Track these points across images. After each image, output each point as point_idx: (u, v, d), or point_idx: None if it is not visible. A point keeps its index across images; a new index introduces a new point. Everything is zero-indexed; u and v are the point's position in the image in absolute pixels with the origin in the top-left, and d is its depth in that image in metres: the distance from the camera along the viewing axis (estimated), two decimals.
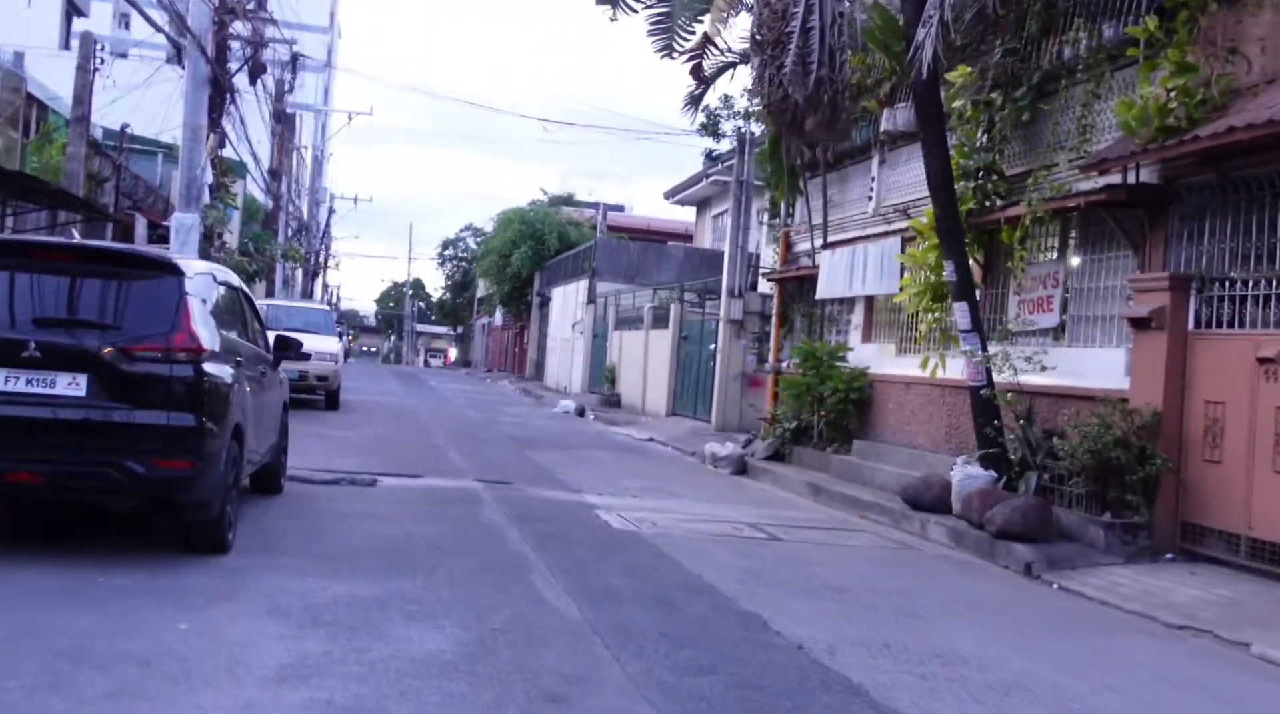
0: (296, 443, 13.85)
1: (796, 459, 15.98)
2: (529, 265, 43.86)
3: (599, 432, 22.18)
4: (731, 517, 11.39)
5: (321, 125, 62.37)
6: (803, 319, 17.95)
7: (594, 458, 16.64)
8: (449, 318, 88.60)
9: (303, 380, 20.32)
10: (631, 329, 28.97)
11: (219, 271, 8.23)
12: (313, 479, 11.05)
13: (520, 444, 17.75)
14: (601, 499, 11.74)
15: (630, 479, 14.05)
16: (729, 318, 21.25)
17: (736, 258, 21.26)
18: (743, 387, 21.32)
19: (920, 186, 14.14)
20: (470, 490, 11.43)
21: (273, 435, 9.48)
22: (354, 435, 16.57)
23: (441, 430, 18.94)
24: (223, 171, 19.70)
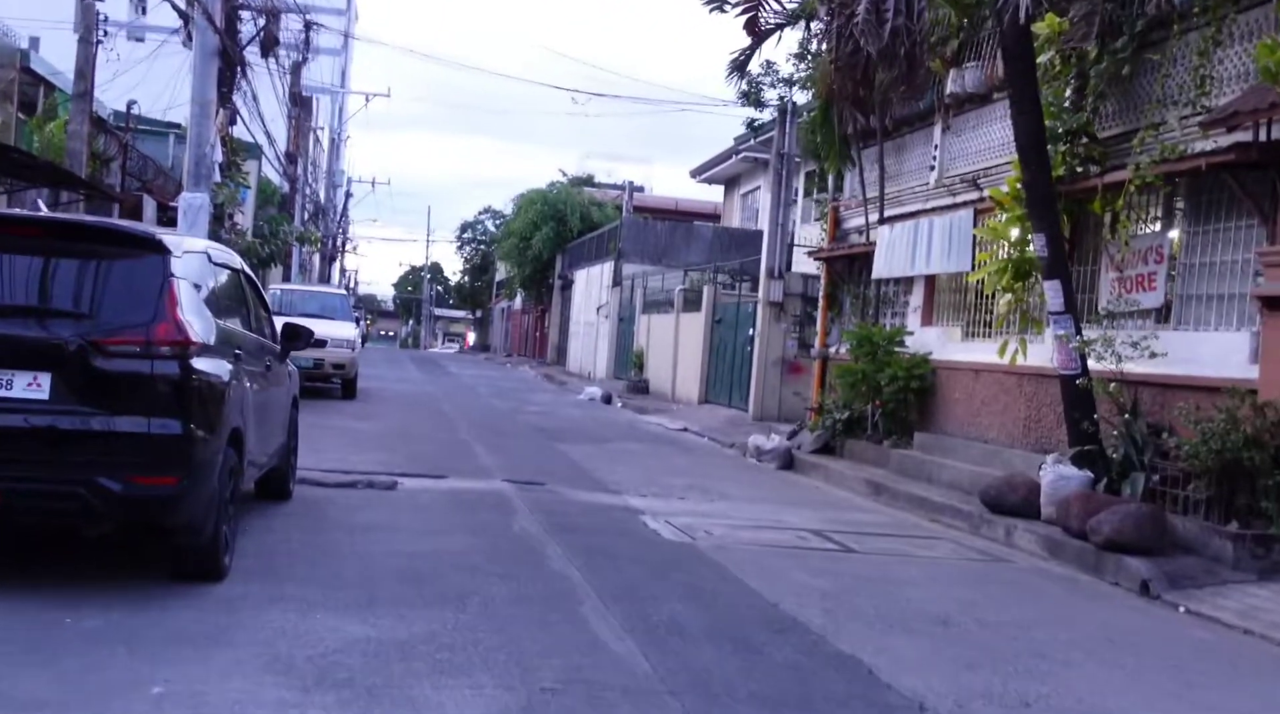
0: (310, 437, 12.79)
1: (849, 453, 14.79)
2: (550, 247, 42.66)
3: (629, 421, 21.03)
4: (791, 521, 10.23)
5: (339, 108, 61.25)
6: (853, 301, 16.73)
7: (629, 451, 15.49)
8: (467, 302, 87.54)
9: (318, 369, 19.26)
10: (660, 312, 27.78)
11: (216, 250, 7.08)
12: (326, 481, 9.93)
13: (549, 436, 16.61)
14: (645, 502, 10.59)
15: (672, 476, 12.90)
16: (768, 300, 20.04)
17: (776, 236, 20.03)
18: (783, 373, 20.12)
19: (992, 154, 12.92)
20: (500, 493, 10.28)
21: (280, 436, 8.36)
22: (372, 427, 15.46)
23: (465, 421, 17.81)
24: (234, 149, 18.60)
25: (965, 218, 12.67)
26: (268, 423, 7.68)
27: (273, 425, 7.95)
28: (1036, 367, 11.46)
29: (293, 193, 37.60)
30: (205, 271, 6.47)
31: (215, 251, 6.94)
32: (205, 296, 6.28)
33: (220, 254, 7.07)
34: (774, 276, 20.01)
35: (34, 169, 13.73)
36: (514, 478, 11.25)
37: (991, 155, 13.02)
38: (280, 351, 8.44)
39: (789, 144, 19.94)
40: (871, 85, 10.71)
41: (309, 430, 13.93)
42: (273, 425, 7.95)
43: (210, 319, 6.22)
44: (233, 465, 6.30)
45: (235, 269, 7.39)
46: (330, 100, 59.07)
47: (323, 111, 56.51)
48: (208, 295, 6.39)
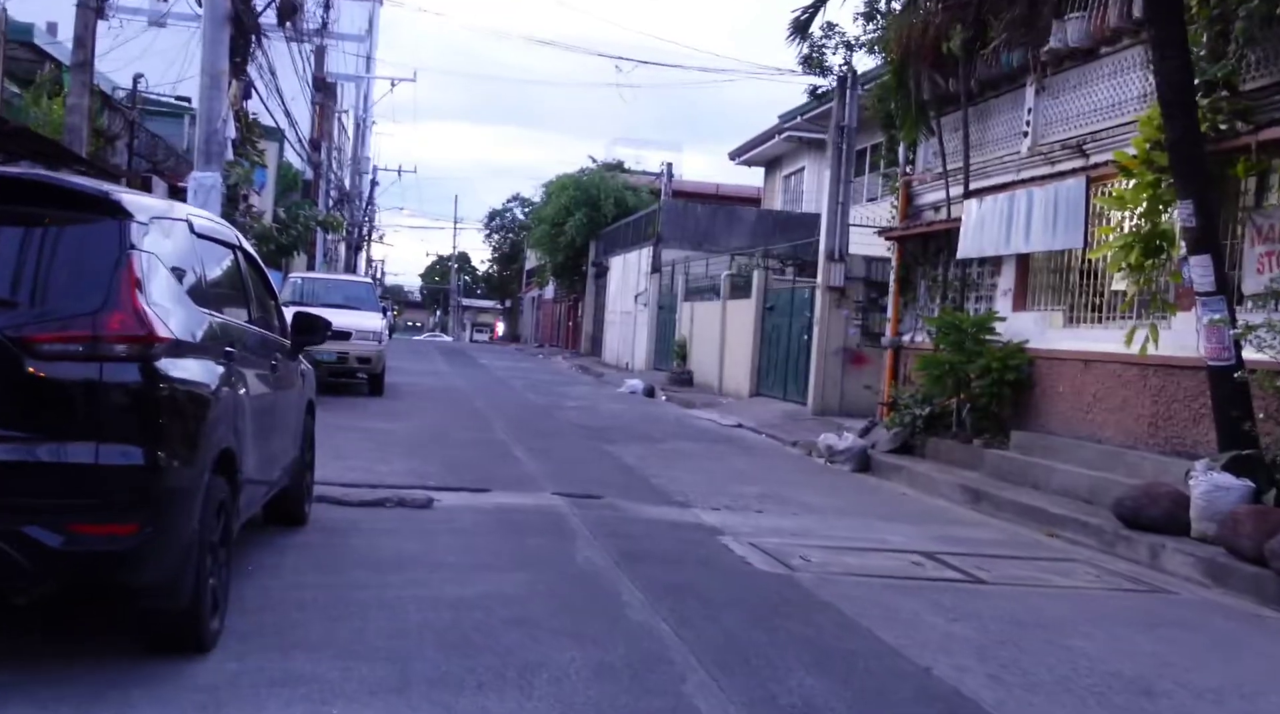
0: (332, 441, 11.44)
1: (932, 453, 13.23)
2: (583, 234, 41.16)
3: (678, 416, 19.52)
4: (893, 540, 8.70)
5: (364, 95, 60.00)
6: (929, 284, 15.14)
7: (684, 453, 13.98)
8: (496, 291, 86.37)
9: (342, 363, 17.89)
10: (704, 300, 26.24)
11: (203, 220, 5.59)
12: (349, 499, 8.47)
13: (594, 435, 15.12)
14: (720, 517, 9.09)
15: (740, 483, 11.40)
16: (828, 285, 18.46)
17: (836, 216, 18.43)
18: (844, 364, 18.56)
19: (1100, 116, 11.33)
20: (553, 511, 8.79)
21: (291, 449, 6.90)
22: (401, 428, 14.02)
23: (501, 419, 16.35)
24: (248, 125, 17.19)
25: (1075, 188, 11.06)
26: (274, 436, 6.23)
27: (281, 438, 6.49)
28: (1165, 356, 9.87)
29: (316, 179, 36.30)
30: (185, 246, 5.01)
31: (201, 221, 5.44)
32: (182, 277, 4.82)
33: (208, 225, 5.58)
34: (834, 259, 18.43)
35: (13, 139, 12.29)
36: (566, 490, 9.75)
37: (1099, 117, 11.42)
38: (291, 348, 6.98)
39: (849, 116, 18.33)
40: (982, 28, 9.10)
41: (331, 433, 12.54)
42: (281, 438, 6.49)
43: (190, 308, 4.76)
44: (222, 499, 4.83)
45: (230, 245, 5.92)
46: (355, 86, 57.86)
47: (347, 99, 55.31)
48: (189, 277, 4.93)
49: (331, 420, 14.45)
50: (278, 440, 6.38)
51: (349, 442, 12.12)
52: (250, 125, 17.22)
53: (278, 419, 6.37)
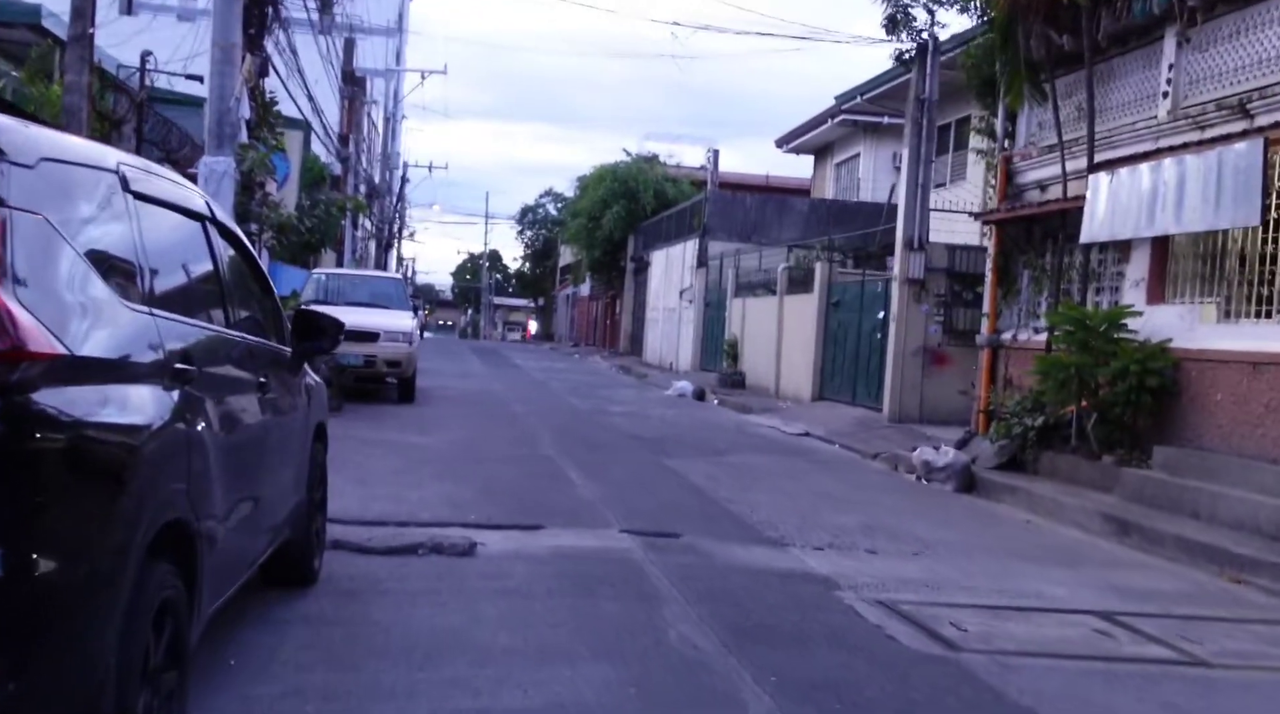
0: (356, 459, 9.89)
1: (1048, 470, 11.40)
2: (622, 227, 39.40)
3: (736, 423, 17.73)
4: (1053, 593, 6.90)
5: (394, 90, 58.57)
6: (1034, 274, 13.29)
7: (756, 469, 12.21)
8: (529, 289, 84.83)
9: (369, 367, 16.24)
10: (757, 295, 24.42)
11: (138, 171, 3.73)
12: (372, 545, 6.75)
13: (650, 447, 13.38)
14: (829, 562, 7.32)
15: (833, 509, 9.63)
16: (907, 277, 16.62)
17: (915, 200, 16.58)
18: (924, 365, 16.71)
19: (1267, 68, 9.42)
20: (624, 556, 7.03)
21: (291, 493, 5.20)
22: (435, 442, 12.33)
23: (545, 428, 14.63)
24: (265, 106, 15.56)
25: (1247, 153, 9.16)
26: (264, 480, 4.54)
27: (276, 481, 4.79)
28: None
29: (345, 173, 34.77)
30: (111, 210, 3.29)
31: (136, 172, 3.64)
32: (108, 261, 3.11)
33: (152, 182, 3.79)
34: (913, 248, 16.57)
35: None
36: (634, 524, 7.99)
37: (1267, 70, 9.54)
38: (292, 358, 5.27)
39: (930, 87, 16.47)
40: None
41: (355, 449, 10.89)
42: (276, 481, 4.79)
43: (116, 307, 3.06)
44: (166, 598, 3.11)
45: (195, 215, 4.19)
46: (385, 81, 56.39)
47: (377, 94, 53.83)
48: (116, 258, 3.21)
49: (356, 433, 12.80)
50: (270, 485, 4.67)
51: (375, 460, 10.44)
52: (267, 105, 15.61)
53: (270, 457, 4.66)
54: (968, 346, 16.52)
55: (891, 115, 27.98)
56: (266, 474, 4.60)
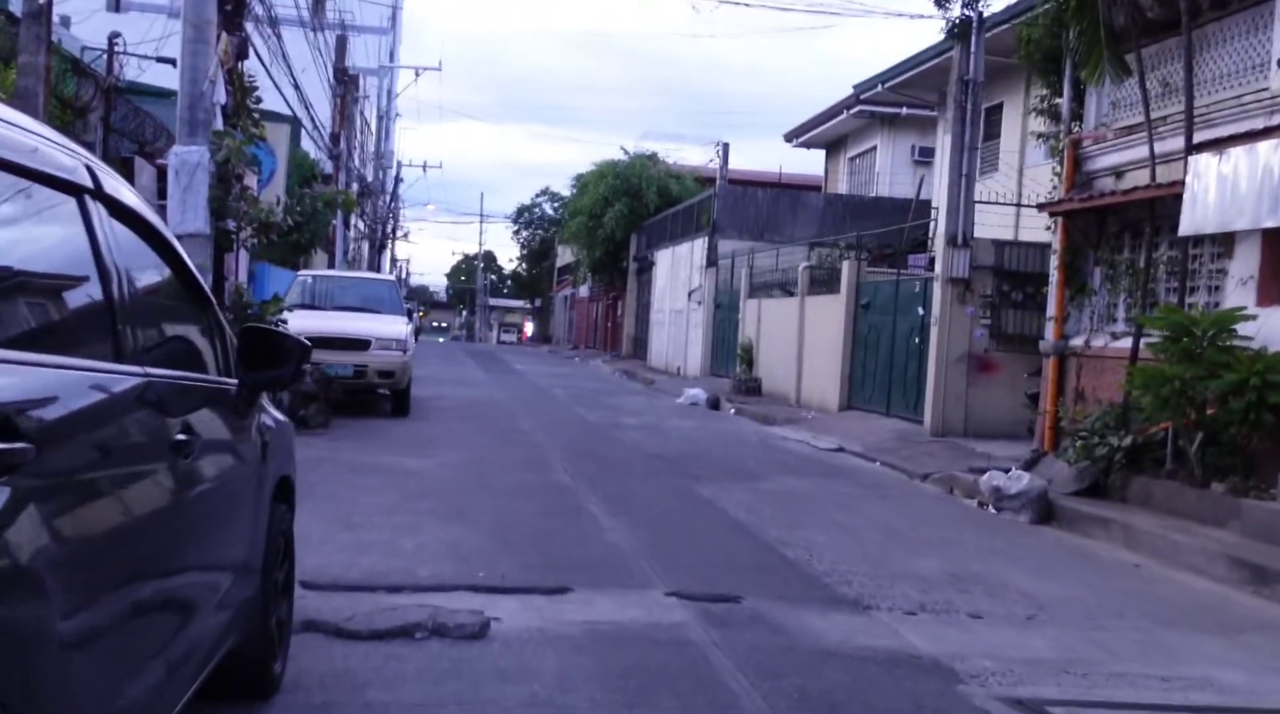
0: (341, 492, 8.61)
1: (1140, 497, 9.91)
2: (624, 226, 37.85)
3: (761, 437, 16.22)
4: (1227, 681, 5.39)
5: (387, 89, 57.04)
6: (1107, 271, 11.80)
7: (799, 496, 10.71)
8: (525, 290, 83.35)
9: (359, 378, 14.74)
10: (774, 296, 22.91)
11: None
12: (354, 626, 5.20)
13: (675, 470, 11.88)
14: (928, 633, 5.82)
15: (906, 551, 8.14)
16: (950, 276, 15.11)
17: (959, 191, 15.08)
18: (969, 372, 15.21)
19: None
20: (678, 636, 5.48)
21: (237, 583, 3.65)
22: (434, 467, 10.82)
23: (557, 448, 13.12)
24: (243, 89, 14.01)
25: None
26: (180, 584, 3.01)
27: (202, 580, 3.25)
28: None
29: (337, 170, 33.22)
30: None
31: None
32: None
33: None
34: (957, 245, 15.07)
35: None
36: (682, 585, 6.45)
37: None
38: (238, 393, 3.74)
39: (975, 68, 14.97)
40: None
41: (340, 478, 9.42)
42: (202, 580, 3.25)
43: None
44: None
45: (63, 184, 2.65)
46: (378, 80, 54.84)
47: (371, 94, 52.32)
48: None
49: (344, 456, 11.28)
50: (194, 586, 3.15)
51: (365, 493, 8.93)
52: (246, 90, 14.05)
53: (194, 546, 3.13)
54: (1017, 352, 15.08)
55: (911, 105, 26.58)
56: (186, 572, 3.08)
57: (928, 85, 23.27)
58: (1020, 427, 14.68)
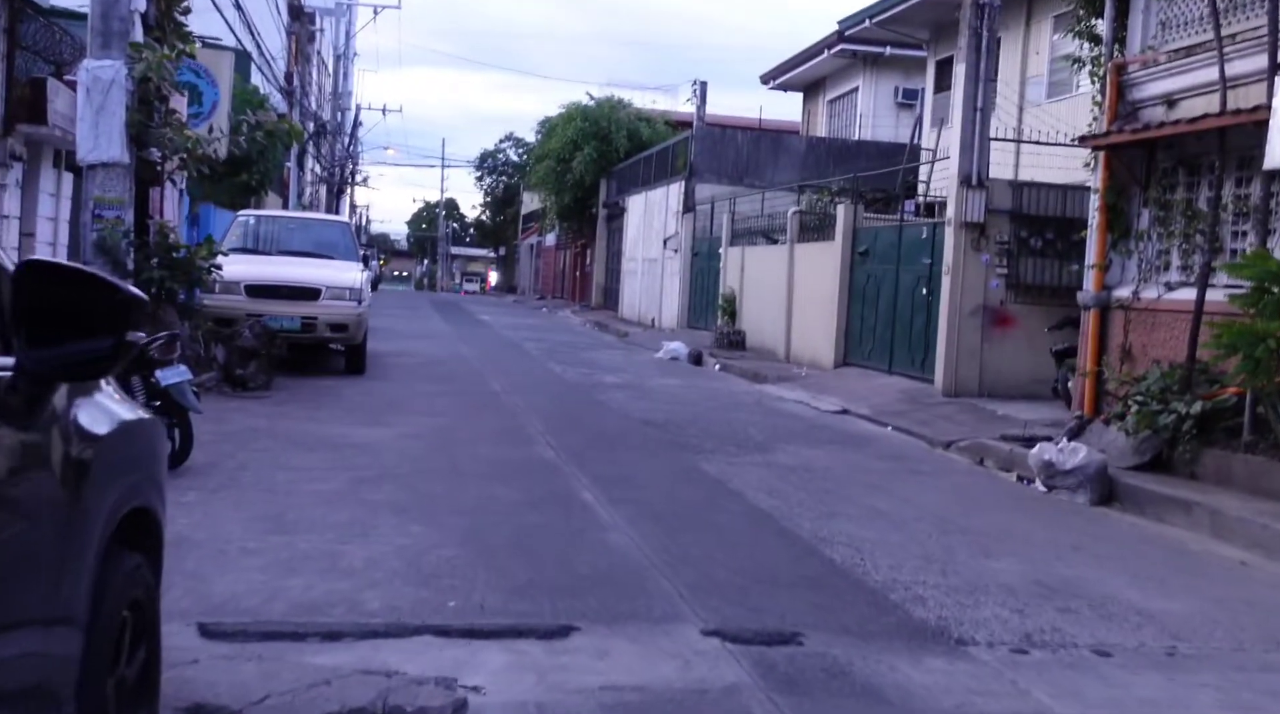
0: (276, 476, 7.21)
1: (1215, 474, 8.53)
2: (593, 171, 36.00)
3: (755, 397, 14.73)
4: None
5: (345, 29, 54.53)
6: (1157, 213, 10.33)
7: (819, 473, 9.23)
8: (489, 238, 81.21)
9: (308, 332, 13.13)
10: (758, 244, 21.35)
11: None
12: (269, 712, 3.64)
13: (672, 441, 10.39)
14: (1055, 683, 4.42)
15: (970, 550, 6.70)
16: (964, 220, 13.60)
17: (973, 126, 13.55)
18: (984, 326, 13.76)
19: None
20: (733, 710, 3.97)
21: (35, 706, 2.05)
22: (392, 439, 9.24)
23: (535, 413, 11.56)
24: (169, 1, 12.13)
25: None
26: None
27: None
28: None
29: (290, 108, 31.16)
30: None
31: None
32: None
33: None
34: (971, 186, 13.55)
35: None
36: (722, 618, 4.92)
37: None
38: (19, 380, 2.12)
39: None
40: None
41: (278, 454, 7.96)
42: None
43: None
44: None
45: None
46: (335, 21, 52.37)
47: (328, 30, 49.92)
48: None
49: (284, 425, 9.67)
50: None
51: (305, 478, 7.35)
52: None
53: None
54: (1036, 304, 13.68)
55: (895, 45, 24.98)
56: None
57: (919, 20, 21.66)
58: (1041, 386, 13.29)
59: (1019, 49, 17.79)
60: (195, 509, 6.33)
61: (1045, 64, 17.78)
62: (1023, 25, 17.69)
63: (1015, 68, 18.20)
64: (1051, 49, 17.68)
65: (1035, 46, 17.69)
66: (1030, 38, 18.00)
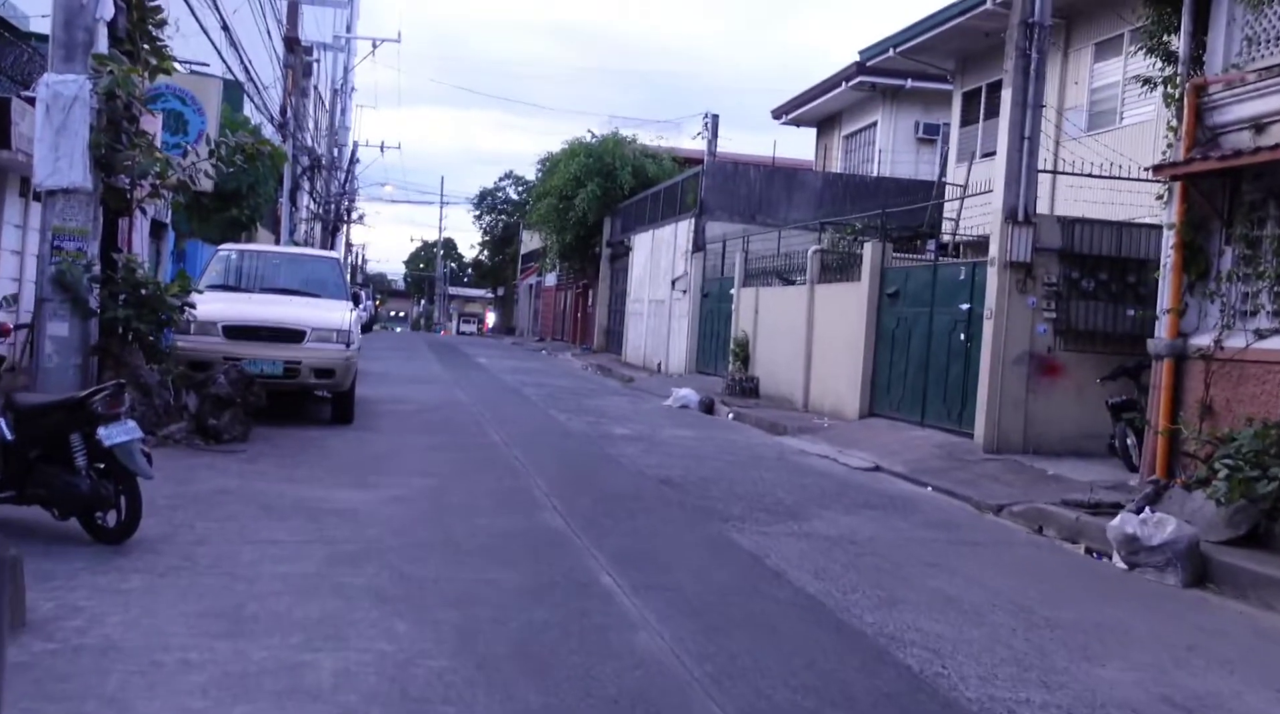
0: (241, 547, 6.38)
1: None
2: (596, 208, 35.00)
3: (777, 452, 13.56)
4: None
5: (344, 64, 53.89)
6: (1243, 252, 9.24)
7: (865, 545, 8.08)
8: (487, 278, 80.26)
9: (290, 377, 12.03)
10: (773, 284, 20.28)
11: None
12: None
13: (695, 505, 9.23)
14: None
15: (1073, 654, 5.56)
16: (1009, 259, 12.51)
17: (1020, 156, 12.51)
18: (1029, 375, 12.64)
19: None
20: None
21: None
22: (376, 507, 8.06)
23: (539, 470, 10.38)
24: (141, 6, 11.07)
25: None
26: None
27: None
28: None
29: (284, 140, 30.19)
30: None
31: None
32: None
33: None
34: (1017, 221, 12.48)
35: None
36: None
37: None
38: None
39: (1041, 7, 12.40)
40: None
41: (245, 523, 7.47)
42: None
43: None
44: None
45: None
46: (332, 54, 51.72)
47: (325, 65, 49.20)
48: None
49: (258, 486, 8.50)
50: None
51: (272, 556, 6.19)
52: (146, 7, 11.12)
53: None
54: (1087, 352, 12.60)
55: (917, 77, 24.10)
56: None
57: (945, 50, 20.74)
58: (1093, 442, 12.18)
59: (1057, 78, 16.81)
60: (134, 601, 5.18)
61: (1085, 94, 16.80)
62: (1061, 53, 16.72)
63: (1052, 98, 17.20)
64: (1092, 77, 16.71)
65: (1074, 75, 16.72)
66: (1069, 66, 17.02)
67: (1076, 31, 17.07)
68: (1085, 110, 16.72)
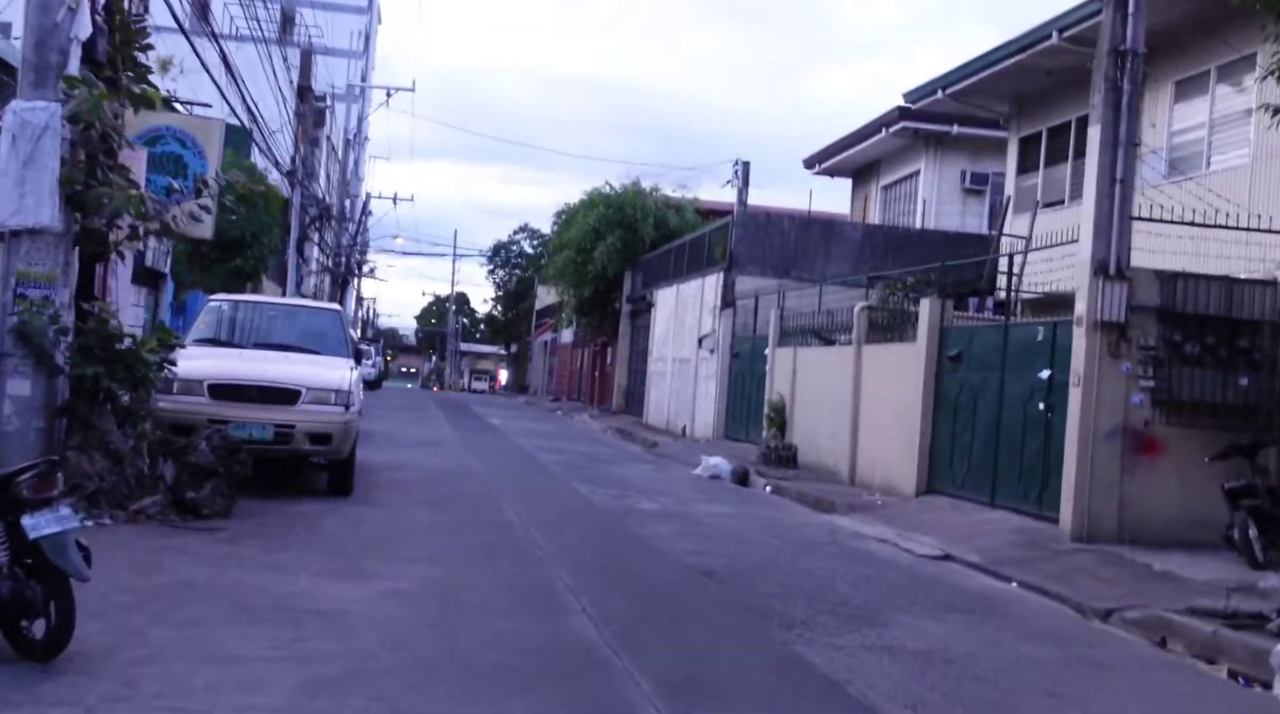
0: (203, 665, 4.87)
1: None
2: (616, 262, 33.63)
3: (830, 535, 11.99)
4: None
5: (357, 116, 53.23)
6: None
7: (964, 664, 6.54)
8: (500, 334, 78.93)
9: (283, 444, 10.57)
10: (811, 344, 18.80)
11: None
12: None
13: (747, 605, 7.70)
14: None
15: None
16: (1099, 319, 11.01)
17: (1111, 202, 11.06)
18: (1124, 453, 11.07)
19: None
20: None
21: None
22: (371, 607, 6.54)
23: (562, 558, 8.85)
24: (130, 34, 9.79)
25: None
26: None
27: None
28: None
29: (293, 188, 29.04)
30: None
31: None
32: None
33: None
34: (1109, 275, 11.00)
35: None
36: None
37: None
38: None
39: (1134, 34, 11.04)
40: None
41: (212, 627, 5.99)
42: None
43: None
44: None
45: None
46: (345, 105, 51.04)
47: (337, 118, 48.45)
48: None
49: (234, 577, 6.93)
50: None
51: (235, 679, 4.71)
52: (131, 29, 9.82)
53: None
54: (1192, 427, 11.08)
55: (964, 122, 22.80)
56: None
57: (998, 92, 19.44)
58: (1202, 531, 10.56)
59: None
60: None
61: (1165, 136, 15.40)
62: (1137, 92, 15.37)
63: None
64: (1172, 119, 15.32)
65: (1152, 118, 15.33)
66: (1145, 107, 15.64)
67: (1155, 68, 15.71)
68: (1165, 156, 15.32)
